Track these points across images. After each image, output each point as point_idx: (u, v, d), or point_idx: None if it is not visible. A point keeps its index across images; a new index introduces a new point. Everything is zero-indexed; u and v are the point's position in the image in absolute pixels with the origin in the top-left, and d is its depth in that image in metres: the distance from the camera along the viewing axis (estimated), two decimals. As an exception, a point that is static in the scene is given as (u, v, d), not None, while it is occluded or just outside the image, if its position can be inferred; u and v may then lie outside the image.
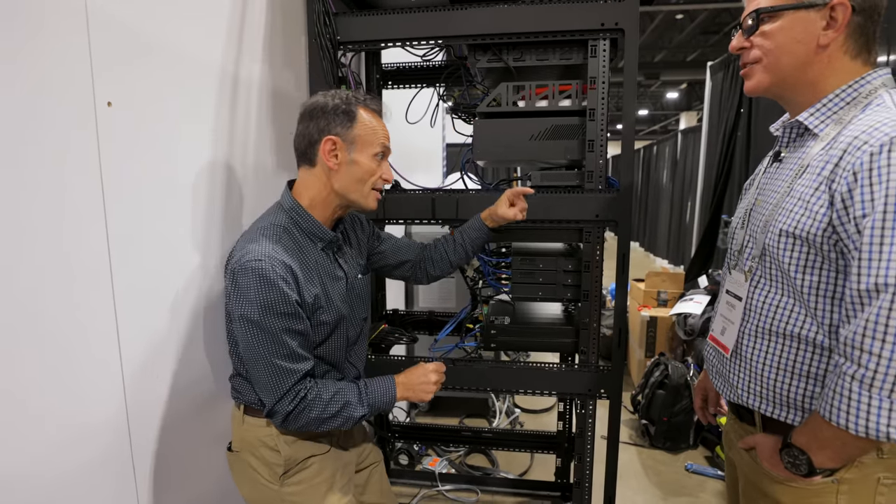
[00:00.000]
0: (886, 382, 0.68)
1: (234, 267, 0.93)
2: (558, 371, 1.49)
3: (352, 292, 1.12)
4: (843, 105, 0.82)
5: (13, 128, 0.68)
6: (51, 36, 0.74)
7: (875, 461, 0.79)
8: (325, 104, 1.02)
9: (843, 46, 0.81)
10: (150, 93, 0.94)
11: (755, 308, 0.89)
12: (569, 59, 1.43)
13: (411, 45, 1.48)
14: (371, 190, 1.06)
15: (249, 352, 0.94)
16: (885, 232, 0.69)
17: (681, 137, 6.46)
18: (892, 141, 0.70)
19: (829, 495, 0.82)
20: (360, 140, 1.02)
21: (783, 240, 0.82)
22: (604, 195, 1.40)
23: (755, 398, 0.89)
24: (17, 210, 0.70)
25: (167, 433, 1.02)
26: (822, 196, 0.77)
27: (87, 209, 0.81)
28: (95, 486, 0.85)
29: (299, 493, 1.03)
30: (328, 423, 0.99)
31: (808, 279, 0.80)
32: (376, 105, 1.07)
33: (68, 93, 0.76)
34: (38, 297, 0.74)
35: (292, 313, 0.94)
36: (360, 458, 1.22)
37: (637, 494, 2.16)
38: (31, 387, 0.74)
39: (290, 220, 1.03)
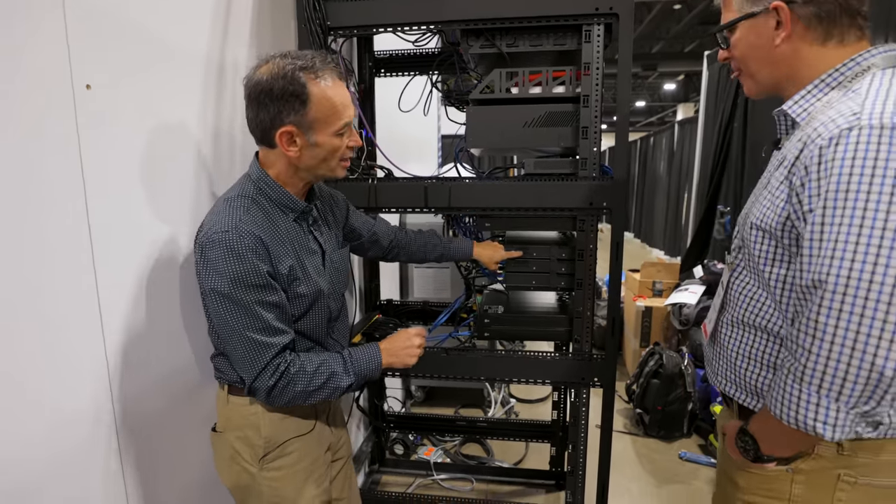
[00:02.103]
0: (815, 378, 0.68)
1: (202, 240, 0.90)
2: (552, 360, 1.48)
3: (330, 266, 1.10)
4: (827, 90, 0.79)
5: None
6: (25, 18, 0.71)
7: (835, 456, 0.79)
8: (270, 87, 0.89)
9: (805, 37, 0.79)
10: (131, 76, 0.92)
11: (732, 298, 0.90)
12: (563, 45, 1.41)
13: (403, 30, 1.46)
14: (339, 161, 1.00)
15: (223, 327, 0.92)
16: (824, 228, 0.68)
17: (677, 128, 6.45)
18: (840, 134, 0.68)
19: (784, 482, 0.82)
20: (318, 122, 0.93)
21: (754, 232, 0.82)
22: (598, 183, 1.39)
23: (730, 385, 0.91)
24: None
25: (154, 419, 1.01)
26: (784, 190, 0.77)
27: (68, 196, 0.80)
28: (80, 474, 0.84)
29: (277, 479, 1.02)
30: (315, 396, 0.97)
31: (776, 272, 0.80)
32: (328, 70, 0.93)
33: (44, 76, 0.74)
34: (19, 285, 0.72)
35: (264, 285, 0.91)
36: (337, 445, 1.21)
37: (631, 482, 2.17)
38: (11, 376, 0.72)
39: (258, 190, 0.98)
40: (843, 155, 0.67)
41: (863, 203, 0.65)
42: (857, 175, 0.66)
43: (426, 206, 1.49)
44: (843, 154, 0.67)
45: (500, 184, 1.45)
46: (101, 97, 0.84)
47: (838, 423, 0.68)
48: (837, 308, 0.66)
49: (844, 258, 0.65)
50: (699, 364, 2.68)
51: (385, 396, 2.17)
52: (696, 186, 4.10)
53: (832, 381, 0.67)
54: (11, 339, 0.72)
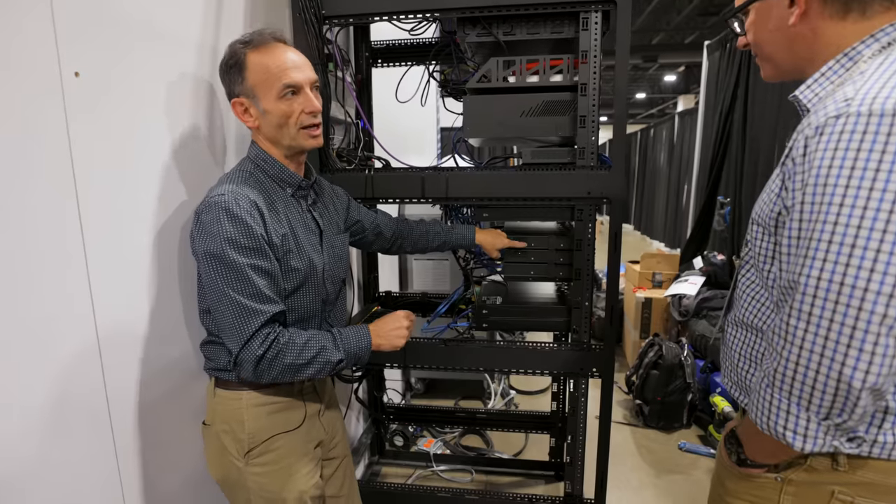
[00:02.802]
0: (785, 383, 0.65)
1: (200, 207, 0.92)
2: (550, 350, 1.48)
3: (328, 247, 1.11)
4: (842, 72, 0.72)
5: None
6: (10, 6, 0.70)
7: (829, 471, 0.73)
8: (221, 66, 0.99)
9: (823, 13, 0.71)
10: (121, 64, 0.91)
11: (738, 297, 0.87)
12: (560, 33, 1.40)
13: (399, 18, 1.44)
14: (298, 130, 1.00)
15: (213, 291, 0.91)
16: (802, 225, 0.64)
17: (678, 120, 6.42)
18: (826, 122, 0.63)
19: (772, 491, 0.78)
20: (258, 88, 0.96)
21: (754, 228, 0.79)
22: (596, 172, 1.38)
23: (734, 387, 0.88)
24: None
25: (149, 410, 1.00)
26: (778, 183, 0.73)
27: (57, 185, 0.79)
28: (73, 465, 0.84)
29: (263, 475, 1.01)
30: (304, 371, 0.96)
31: (774, 270, 0.76)
32: (265, 40, 0.97)
33: (31, 64, 0.73)
34: (5, 275, 0.71)
35: (257, 248, 0.91)
36: (331, 444, 1.19)
37: (631, 472, 2.18)
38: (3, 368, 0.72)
39: (256, 166, 1.02)
40: (826, 146, 0.62)
41: (839, 199, 0.60)
42: (837, 168, 0.60)
43: (423, 197, 1.48)
44: (825, 145, 0.62)
45: (497, 173, 1.44)
46: (90, 84, 0.83)
47: (808, 433, 0.64)
48: (807, 311, 0.61)
49: (816, 258, 0.61)
50: (699, 355, 2.68)
51: (384, 388, 2.17)
52: (696, 178, 4.09)
53: (801, 388, 0.63)
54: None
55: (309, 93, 1.00)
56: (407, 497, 1.71)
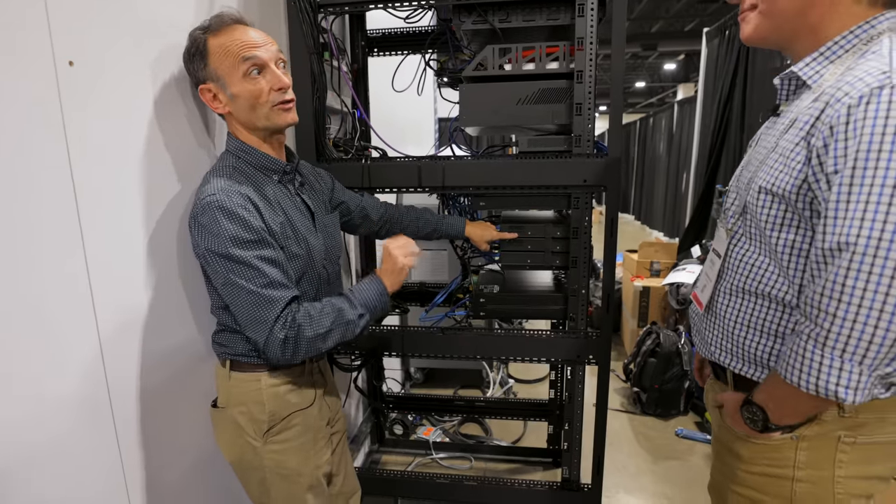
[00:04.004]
0: (839, 342, 0.67)
1: (194, 211, 0.92)
2: (546, 338, 1.49)
3: (322, 228, 1.12)
4: (841, 53, 0.76)
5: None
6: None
7: (835, 419, 0.79)
8: (184, 55, 1.00)
9: None
10: (115, 53, 0.90)
11: (732, 266, 0.88)
12: (556, 20, 1.38)
13: (394, 6, 1.43)
14: (271, 108, 0.99)
15: (227, 288, 0.92)
16: (852, 189, 0.66)
17: (677, 108, 6.38)
18: (871, 92, 0.66)
19: (789, 450, 0.82)
20: (221, 71, 0.96)
21: (762, 197, 0.80)
22: (592, 160, 1.38)
23: (726, 355, 0.90)
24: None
25: (150, 396, 1.01)
26: (801, 152, 0.74)
27: (54, 175, 0.79)
28: (74, 452, 0.85)
29: (282, 452, 1.04)
30: (330, 338, 0.96)
31: (784, 237, 0.78)
32: (224, 22, 0.98)
33: (25, 52, 0.73)
34: (4, 267, 0.72)
35: (259, 240, 0.92)
36: (334, 419, 1.23)
37: (628, 459, 2.20)
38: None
39: (237, 158, 1.01)
40: (876, 114, 0.65)
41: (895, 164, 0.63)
42: (891, 135, 0.64)
43: (420, 186, 1.48)
44: (874, 113, 0.65)
45: (493, 162, 1.44)
46: (85, 73, 0.83)
47: (860, 386, 0.67)
48: (867, 271, 0.64)
49: (876, 220, 0.64)
50: (696, 343, 2.70)
51: (384, 378, 2.19)
52: (695, 166, 4.08)
53: (857, 344, 0.66)
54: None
55: (275, 69, 0.99)
56: (406, 484, 1.73)
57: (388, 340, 1.58)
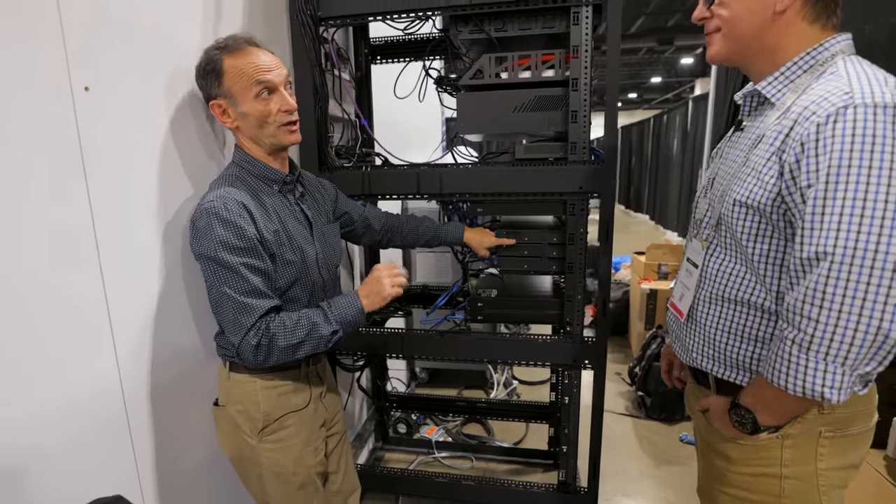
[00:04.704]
0: (822, 346, 0.71)
1: (194, 215, 0.98)
2: (542, 342, 1.51)
3: (320, 237, 1.17)
4: (800, 73, 0.82)
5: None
6: (23, 24, 0.75)
7: (816, 416, 0.83)
8: (198, 70, 1.06)
9: (801, 12, 0.80)
10: (127, 76, 0.96)
11: (710, 275, 0.91)
12: (552, 28, 1.40)
13: (392, 18, 1.47)
14: (277, 128, 1.06)
15: (212, 290, 0.97)
16: (826, 202, 0.70)
17: (692, 105, 6.28)
18: (838, 112, 0.70)
19: (775, 449, 0.86)
20: (234, 91, 1.03)
21: (737, 209, 0.83)
22: (586, 167, 1.39)
23: (709, 361, 0.93)
24: (4, 196, 0.73)
25: (161, 395, 1.07)
26: (773, 166, 0.78)
27: (71, 191, 0.84)
28: (89, 449, 0.91)
29: (276, 451, 1.09)
30: (301, 349, 0.99)
31: (759, 247, 0.82)
32: (239, 44, 1.04)
33: (44, 80, 0.79)
34: (25, 276, 0.77)
35: (250, 248, 0.97)
36: (332, 422, 1.27)
37: (630, 463, 2.21)
38: (20, 363, 0.78)
39: (241, 168, 1.07)
40: (843, 132, 0.69)
41: (865, 178, 0.68)
42: (858, 151, 0.68)
43: (419, 193, 1.52)
44: (842, 131, 0.69)
45: (490, 169, 1.47)
46: (99, 97, 0.88)
47: (843, 385, 0.71)
48: (845, 278, 0.68)
49: (850, 230, 0.68)
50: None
51: (387, 377, 2.23)
52: (707, 163, 4.02)
53: (839, 346, 0.70)
54: (17, 327, 0.78)
55: (283, 92, 1.06)
56: (407, 481, 1.77)
57: (390, 342, 1.62)
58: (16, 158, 0.76)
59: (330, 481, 1.29)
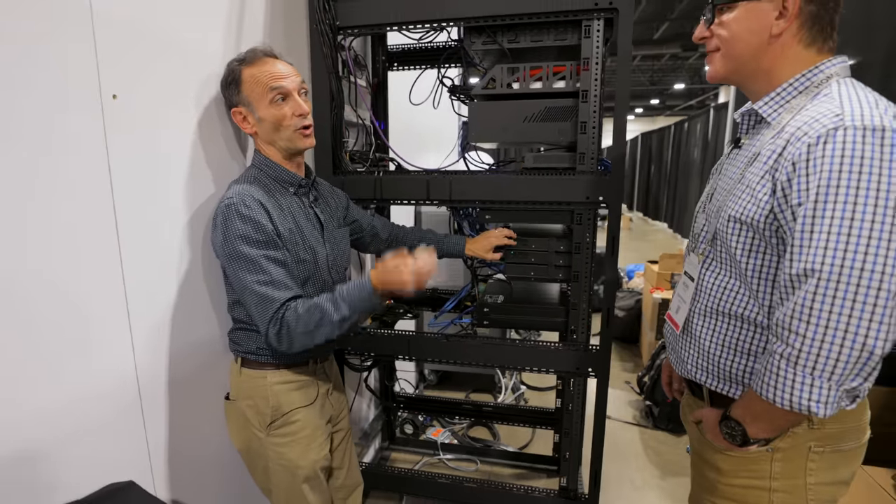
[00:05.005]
0: (809, 360, 0.72)
1: (215, 213, 1.05)
2: (547, 349, 1.53)
3: (329, 239, 1.22)
4: (795, 94, 0.84)
5: (30, 121, 0.78)
6: (58, 36, 0.81)
7: (806, 431, 0.85)
8: (222, 80, 1.15)
9: (797, 35, 0.82)
10: (153, 84, 1.02)
11: (705, 289, 0.93)
12: (563, 40, 1.42)
13: (407, 28, 1.51)
14: (293, 132, 1.12)
15: (237, 283, 1.03)
16: (815, 221, 0.72)
17: (713, 114, 6.19)
18: (828, 133, 0.72)
19: (765, 462, 0.88)
20: (252, 98, 1.10)
21: (731, 225, 0.85)
22: (594, 177, 1.41)
23: (703, 373, 0.94)
24: (34, 192, 0.79)
25: (177, 390, 1.12)
26: (767, 184, 0.80)
27: (96, 192, 0.90)
28: (104, 436, 0.97)
29: (283, 445, 1.13)
30: (317, 334, 1.01)
31: (753, 263, 0.84)
32: (256, 55, 1.11)
33: (76, 87, 0.85)
34: (51, 273, 0.83)
35: (268, 240, 1.03)
36: (337, 418, 1.32)
37: (635, 473, 2.20)
38: (42, 355, 0.84)
39: (259, 171, 1.14)
40: (833, 153, 0.71)
41: (852, 198, 0.69)
42: (847, 172, 0.70)
43: (428, 199, 1.55)
44: (831, 152, 0.71)
45: (498, 177, 1.50)
46: (126, 104, 0.94)
47: (829, 400, 0.73)
48: (832, 294, 0.70)
49: (838, 248, 0.70)
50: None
51: (395, 378, 2.27)
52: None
53: (826, 362, 0.71)
54: (37, 320, 0.84)
55: (297, 98, 1.12)
56: (410, 481, 1.80)
57: (397, 344, 1.65)
58: (45, 161, 0.82)
59: (334, 476, 1.33)
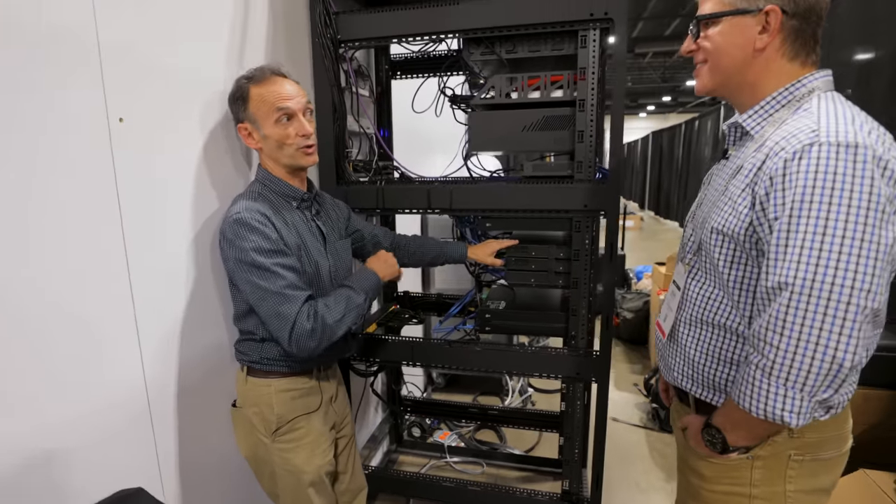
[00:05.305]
0: (783, 371, 0.74)
1: (223, 227, 1.09)
2: (547, 355, 1.55)
3: (332, 250, 1.27)
4: (778, 108, 0.85)
5: (39, 143, 0.82)
6: (66, 64, 0.86)
7: (786, 440, 0.87)
8: (230, 95, 1.19)
9: (780, 49, 0.83)
10: (158, 107, 1.06)
11: (690, 298, 0.95)
12: (560, 50, 1.44)
13: (407, 40, 1.54)
14: (296, 150, 1.16)
15: (254, 292, 1.06)
16: (789, 235, 0.74)
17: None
18: (803, 149, 0.74)
19: (745, 470, 0.90)
20: (258, 115, 1.14)
21: (714, 236, 0.87)
22: (592, 185, 1.42)
23: (688, 381, 0.96)
24: (44, 214, 0.84)
25: (184, 399, 1.17)
26: (747, 198, 0.81)
27: (104, 210, 0.95)
28: (114, 444, 1.02)
29: (288, 451, 1.17)
30: (345, 321, 1.12)
31: (735, 274, 0.85)
32: (265, 74, 1.15)
33: (84, 113, 0.90)
34: (62, 286, 0.88)
35: (278, 250, 1.08)
36: (341, 425, 1.35)
37: (640, 475, 2.21)
38: (57, 368, 0.89)
39: (263, 186, 1.18)
40: (807, 168, 0.73)
41: (825, 213, 0.71)
42: (820, 187, 0.72)
43: (430, 208, 1.58)
44: (805, 167, 0.73)
45: (497, 186, 1.52)
46: (131, 127, 0.99)
47: (802, 411, 0.74)
48: (804, 308, 0.72)
49: (809, 263, 0.71)
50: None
51: (402, 382, 2.31)
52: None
53: (798, 373, 0.73)
54: (51, 336, 0.88)
55: (301, 118, 1.16)
56: (415, 484, 1.83)
57: (401, 350, 1.69)
58: (56, 183, 0.86)
59: (339, 480, 1.37)
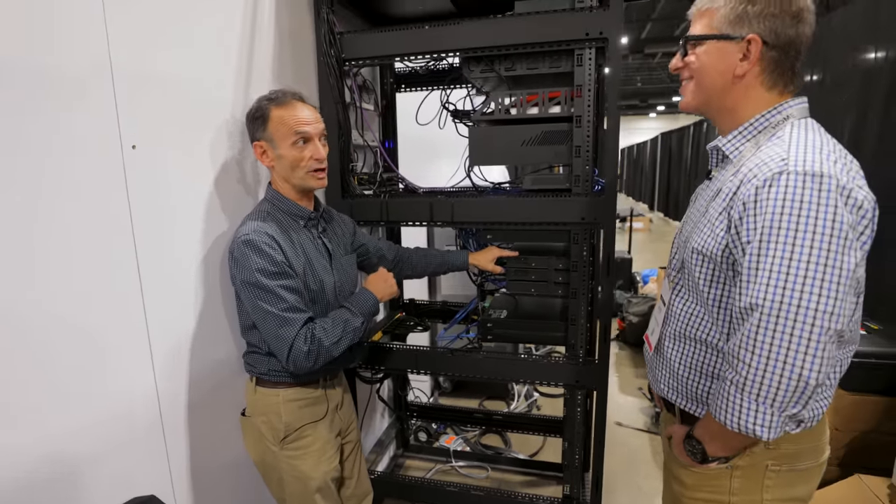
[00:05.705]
0: (754, 387, 0.78)
1: (232, 247, 1.15)
2: (547, 363, 1.59)
3: (337, 267, 1.32)
4: (755, 133, 0.89)
5: (57, 169, 0.89)
6: (82, 95, 0.93)
7: (763, 451, 0.91)
8: (248, 115, 1.23)
9: (759, 78, 0.87)
10: (168, 132, 1.12)
11: (675, 314, 0.99)
12: (558, 67, 1.48)
13: (409, 59, 1.59)
14: (307, 172, 1.21)
15: (257, 312, 1.12)
16: (759, 258, 0.78)
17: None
18: (773, 177, 0.78)
19: (724, 479, 0.94)
20: (276, 136, 1.19)
21: (695, 256, 0.91)
22: (588, 199, 1.46)
23: (673, 392, 1.00)
24: (61, 233, 0.90)
25: (195, 409, 1.23)
26: (724, 221, 0.85)
27: (117, 232, 1.01)
28: (126, 454, 1.08)
29: (295, 458, 1.23)
30: (343, 343, 1.18)
31: (714, 292, 0.90)
32: (286, 98, 1.20)
33: (100, 141, 0.96)
34: (73, 307, 0.94)
35: (282, 272, 1.13)
36: (347, 431, 1.41)
37: (643, 480, 2.23)
38: (67, 377, 0.95)
39: (272, 205, 1.23)
40: (776, 196, 0.77)
41: (791, 239, 0.75)
42: (787, 214, 0.76)
43: (432, 221, 1.63)
44: (775, 195, 0.77)
45: (498, 199, 1.56)
46: (144, 153, 1.05)
47: (773, 425, 0.78)
48: (772, 328, 0.75)
49: (777, 286, 0.75)
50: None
51: (408, 388, 2.36)
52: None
53: (768, 390, 0.77)
54: (68, 351, 0.95)
55: (317, 143, 1.22)
56: (419, 488, 1.88)
57: (405, 358, 1.74)
58: (73, 207, 0.93)
59: (345, 486, 1.42)
